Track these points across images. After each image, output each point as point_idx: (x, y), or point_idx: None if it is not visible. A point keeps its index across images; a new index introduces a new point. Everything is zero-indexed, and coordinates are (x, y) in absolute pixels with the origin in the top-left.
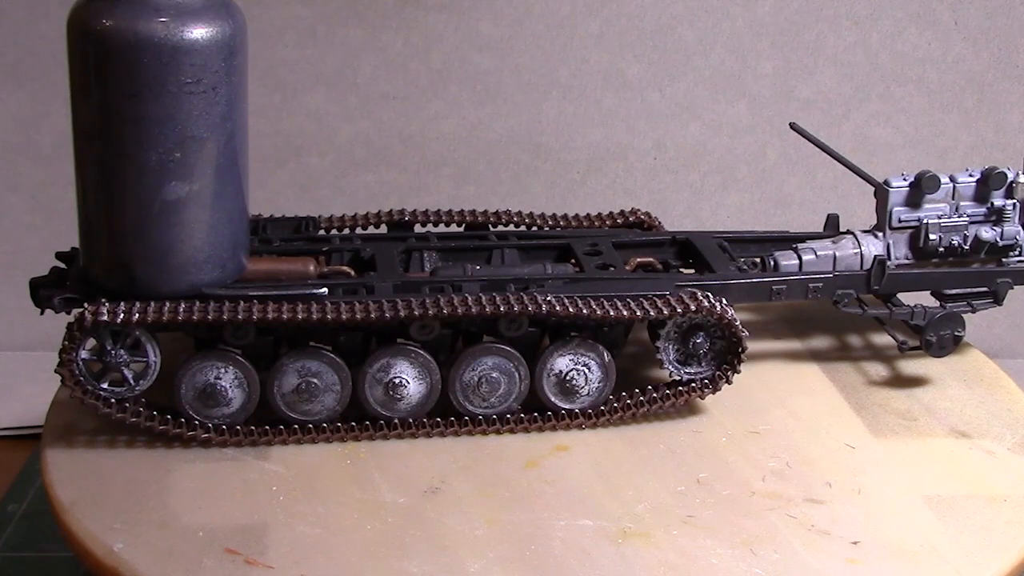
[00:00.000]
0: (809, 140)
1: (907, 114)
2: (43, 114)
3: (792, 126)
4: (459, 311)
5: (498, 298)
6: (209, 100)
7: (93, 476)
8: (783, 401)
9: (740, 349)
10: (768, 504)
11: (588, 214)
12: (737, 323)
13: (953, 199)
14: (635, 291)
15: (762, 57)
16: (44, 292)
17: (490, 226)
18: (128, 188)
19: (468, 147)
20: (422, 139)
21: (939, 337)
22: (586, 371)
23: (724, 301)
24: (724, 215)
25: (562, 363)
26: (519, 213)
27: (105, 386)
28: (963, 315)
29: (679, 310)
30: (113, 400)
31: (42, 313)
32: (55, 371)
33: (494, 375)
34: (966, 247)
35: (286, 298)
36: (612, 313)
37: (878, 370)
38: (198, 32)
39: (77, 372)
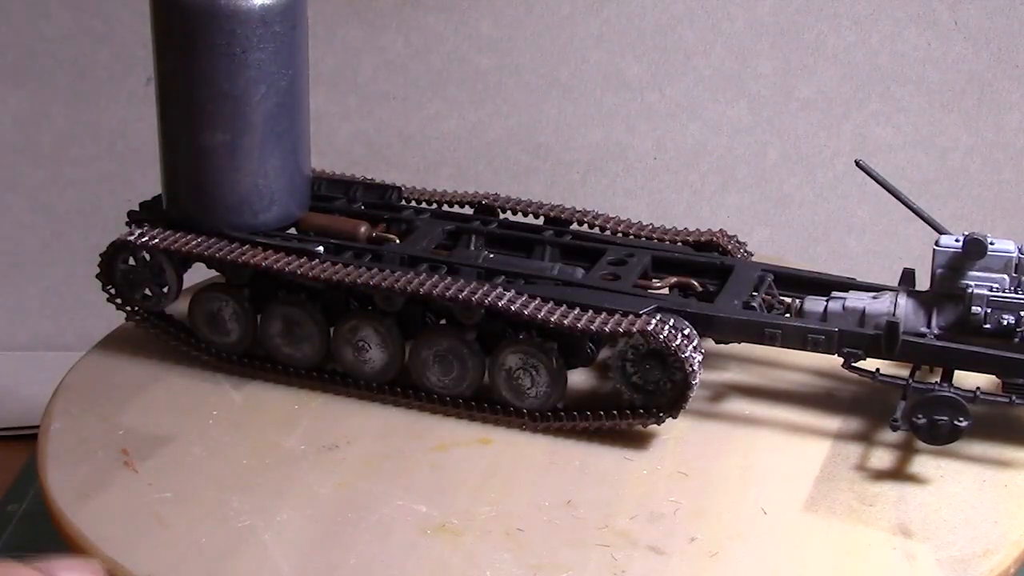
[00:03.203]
0: (875, 180)
1: (907, 114)
2: (43, 114)
3: (858, 163)
4: (408, 289)
5: (441, 282)
6: (239, 63)
7: (101, 372)
8: (748, 453)
9: (685, 385)
10: (606, 541)
11: (674, 227)
12: (686, 356)
13: (1016, 273)
14: (614, 305)
15: (762, 57)
16: (134, 213)
17: (571, 224)
18: (173, 131)
19: (468, 147)
20: (422, 139)
21: (930, 422)
22: (534, 373)
23: (684, 332)
24: (724, 215)
25: (513, 360)
26: (603, 215)
27: (136, 298)
28: (969, 405)
29: (621, 330)
30: (137, 309)
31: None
32: (96, 277)
33: (448, 358)
34: (1021, 330)
35: (284, 249)
36: (553, 319)
37: (890, 449)
38: (229, 2)
39: (114, 281)
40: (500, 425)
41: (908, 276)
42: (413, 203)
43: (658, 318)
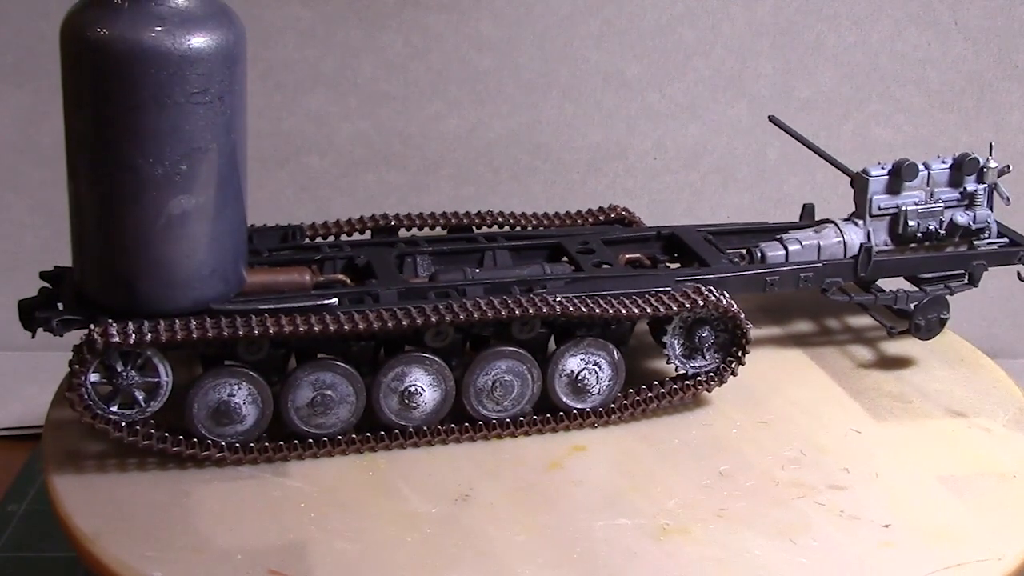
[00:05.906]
0: (787, 132)
1: (907, 114)
2: (43, 114)
3: (771, 119)
4: (474, 316)
5: (510, 301)
6: (215, 110)
7: (111, 503)
8: (780, 390)
9: (744, 341)
10: (794, 493)
11: (568, 212)
12: (742, 316)
13: (928, 185)
14: (636, 288)
15: (762, 57)
16: (41, 314)
17: (474, 228)
18: (130, 202)
19: (468, 147)
20: (422, 139)
21: (927, 320)
22: (597, 370)
23: (727, 295)
24: (724, 215)
25: (573, 363)
26: (501, 213)
27: (115, 409)
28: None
29: (687, 306)
30: (124, 424)
31: (33, 336)
32: (64, 395)
33: (507, 378)
34: (942, 232)
35: (298, 311)
36: (623, 311)
37: (863, 355)
38: (203, 41)
39: (87, 397)
40: (571, 430)
41: (809, 211)
42: (317, 239)
43: (703, 288)
